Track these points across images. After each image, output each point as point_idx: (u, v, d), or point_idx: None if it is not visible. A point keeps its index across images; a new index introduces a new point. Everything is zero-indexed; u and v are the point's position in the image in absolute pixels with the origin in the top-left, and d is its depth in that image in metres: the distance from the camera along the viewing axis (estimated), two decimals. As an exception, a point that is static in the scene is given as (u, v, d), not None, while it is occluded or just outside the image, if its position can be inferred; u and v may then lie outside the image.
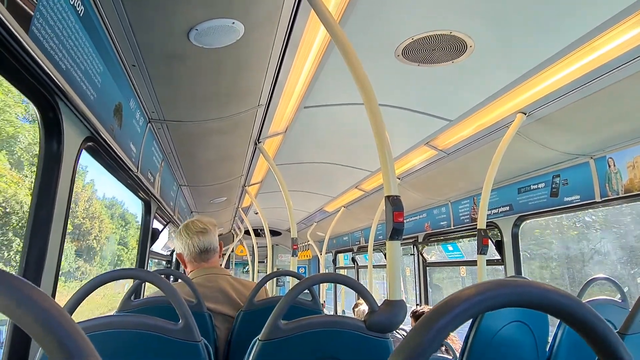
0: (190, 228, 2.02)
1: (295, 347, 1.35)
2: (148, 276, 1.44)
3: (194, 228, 2.01)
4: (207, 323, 1.82)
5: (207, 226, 2.03)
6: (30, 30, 1.14)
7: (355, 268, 8.56)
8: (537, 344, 2.05)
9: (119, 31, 1.76)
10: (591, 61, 2.16)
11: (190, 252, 2.01)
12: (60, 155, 1.52)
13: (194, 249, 2.00)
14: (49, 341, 0.37)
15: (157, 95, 2.40)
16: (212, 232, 2.04)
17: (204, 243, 2.00)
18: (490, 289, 0.43)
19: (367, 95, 1.72)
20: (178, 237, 2.04)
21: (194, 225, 2.02)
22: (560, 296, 0.44)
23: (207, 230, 2.02)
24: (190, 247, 2.00)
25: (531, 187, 3.62)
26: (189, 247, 2.00)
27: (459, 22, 2.04)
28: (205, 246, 2.01)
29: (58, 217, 1.55)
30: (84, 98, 1.57)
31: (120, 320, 1.24)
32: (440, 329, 0.42)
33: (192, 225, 2.02)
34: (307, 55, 2.38)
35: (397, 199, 1.60)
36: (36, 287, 0.38)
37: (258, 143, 3.64)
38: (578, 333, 0.45)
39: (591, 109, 2.52)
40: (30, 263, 1.46)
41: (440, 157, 3.82)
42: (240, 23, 1.76)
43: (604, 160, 2.95)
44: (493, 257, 4.00)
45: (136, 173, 2.61)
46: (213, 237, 2.04)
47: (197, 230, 2.00)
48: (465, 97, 2.77)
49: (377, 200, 5.38)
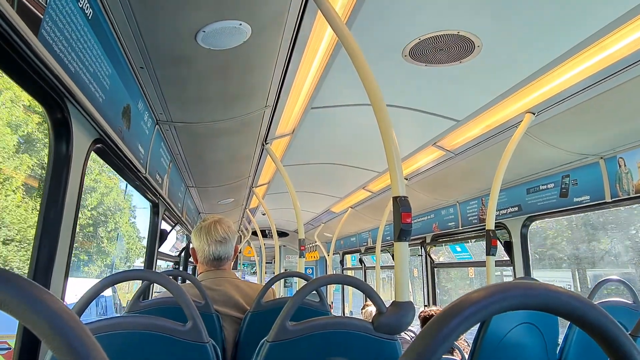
0: (210, 235, 2.01)
1: (303, 349, 1.35)
2: (156, 277, 1.45)
3: (215, 236, 2.00)
4: (215, 324, 1.82)
5: (227, 235, 2.03)
6: (39, 33, 1.15)
7: (362, 269, 8.54)
8: (547, 346, 2.03)
9: (127, 33, 1.77)
10: (600, 60, 2.13)
11: (204, 257, 2.02)
12: (69, 157, 1.53)
13: (209, 256, 2.01)
14: (58, 343, 0.37)
15: (165, 97, 2.41)
16: (230, 241, 2.04)
17: (220, 253, 2.01)
18: (500, 292, 0.43)
19: (374, 96, 1.71)
20: (196, 236, 2.05)
21: (216, 232, 2.01)
22: (571, 298, 0.44)
23: (226, 241, 2.02)
24: (206, 253, 2.01)
25: (540, 187, 3.59)
26: (204, 252, 2.01)
27: (467, 21, 2.03)
28: (220, 255, 2.01)
29: (67, 219, 1.56)
30: (92, 100, 1.59)
31: (129, 321, 1.25)
32: (449, 332, 0.41)
33: (213, 232, 2.01)
34: (314, 56, 2.38)
35: (404, 200, 1.59)
36: (45, 289, 0.39)
37: (265, 144, 3.64)
38: (590, 335, 0.45)
39: (601, 108, 2.49)
40: (40, 264, 1.47)
41: (448, 157, 3.80)
42: (247, 24, 1.76)
43: (615, 160, 2.91)
44: (502, 258, 3.97)
45: (144, 174, 2.62)
46: (230, 246, 2.05)
47: (216, 239, 2.00)
48: (473, 97, 2.76)
49: (384, 201, 5.37)
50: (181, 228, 5.15)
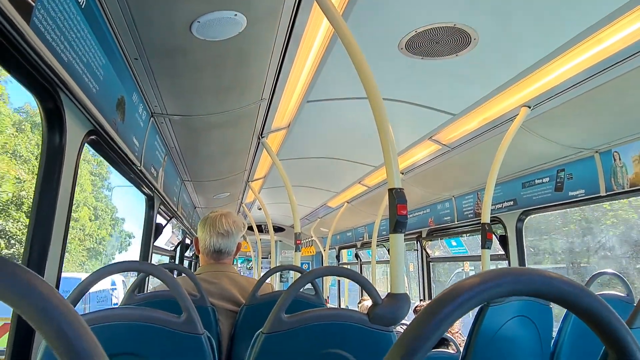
0: (214, 226, 2.02)
1: (299, 340, 1.35)
2: (151, 269, 1.46)
3: (219, 228, 2.01)
4: (210, 317, 1.82)
5: (231, 229, 2.03)
6: (31, 21, 1.14)
7: (358, 264, 8.56)
8: (541, 339, 2.04)
9: (121, 24, 1.75)
10: (596, 54, 2.13)
11: (205, 248, 2.03)
12: (62, 148, 1.52)
13: (210, 248, 2.02)
14: (51, 332, 0.37)
15: (160, 89, 2.39)
16: (234, 235, 2.04)
17: (220, 246, 2.01)
18: (493, 278, 0.43)
19: (370, 89, 1.70)
20: (201, 227, 2.06)
21: (220, 225, 2.02)
22: (564, 284, 0.44)
23: (229, 234, 2.02)
24: (208, 244, 2.02)
25: (535, 181, 3.60)
26: (206, 242, 2.02)
27: (463, 14, 2.02)
28: (221, 249, 2.02)
29: (61, 210, 1.55)
30: (86, 91, 1.57)
31: (123, 312, 1.25)
32: (442, 318, 0.41)
33: (218, 225, 2.02)
34: (310, 49, 2.36)
35: (400, 192, 1.59)
36: (39, 277, 0.38)
37: (261, 138, 3.63)
38: (583, 320, 0.45)
39: (596, 102, 2.49)
40: (34, 254, 1.46)
41: (444, 151, 3.80)
42: (243, 15, 1.75)
43: (609, 154, 2.92)
44: (497, 252, 3.99)
45: (139, 167, 2.61)
46: (233, 241, 2.05)
47: (219, 232, 2.00)
48: (469, 91, 2.75)
49: (380, 196, 5.37)
50: (177, 222, 5.13)
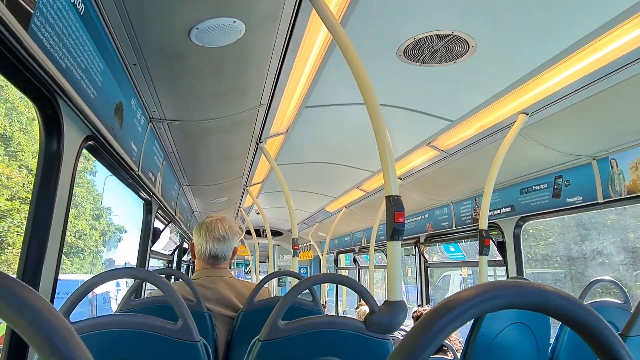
0: (210, 231, 2.00)
1: (295, 348, 1.35)
2: (147, 276, 1.44)
3: (215, 233, 2.00)
4: (207, 323, 1.81)
5: (227, 234, 2.02)
6: (29, 28, 1.14)
7: (356, 268, 8.54)
8: (539, 346, 2.04)
9: (119, 30, 1.75)
10: (594, 62, 2.14)
11: (201, 253, 2.02)
12: (60, 154, 1.51)
13: (207, 253, 2.00)
14: (41, 343, 0.37)
15: (158, 95, 2.39)
16: (230, 240, 2.03)
17: (216, 251, 2.00)
18: (489, 291, 0.43)
19: (368, 96, 1.71)
20: (197, 232, 2.04)
21: (216, 230, 2.00)
22: (560, 298, 0.44)
23: (225, 239, 2.01)
24: (204, 249, 2.00)
25: (533, 187, 3.61)
26: (201, 248, 2.01)
27: (461, 22, 2.03)
28: (217, 254, 2.01)
29: (58, 217, 1.54)
30: (84, 96, 1.57)
31: (119, 319, 1.24)
32: (438, 330, 0.41)
33: (214, 229, 2.00)
34: (309, 55, 2.37)
35: (397, 199, 1.59)
36: (29, 288, 0.38)
37: (259, 143, 3.63)
38: (579, 334, 0.45)
39: (594, 109, 2.50)
40: (29, 263, 1.45)
41: (442, 157, 3.80)
42: (241, 22, 1.75)
43: (607, 161, 2.93)
44: (495, 257, 3.98)
45: (137, 172, 2.60)
46: (229, 246, 2.03)
47: (215, 237, 1.99)
48: (467, 98, 2.76)
49: (378, 201, 5.38)
50: (174, 227, 5.12)
